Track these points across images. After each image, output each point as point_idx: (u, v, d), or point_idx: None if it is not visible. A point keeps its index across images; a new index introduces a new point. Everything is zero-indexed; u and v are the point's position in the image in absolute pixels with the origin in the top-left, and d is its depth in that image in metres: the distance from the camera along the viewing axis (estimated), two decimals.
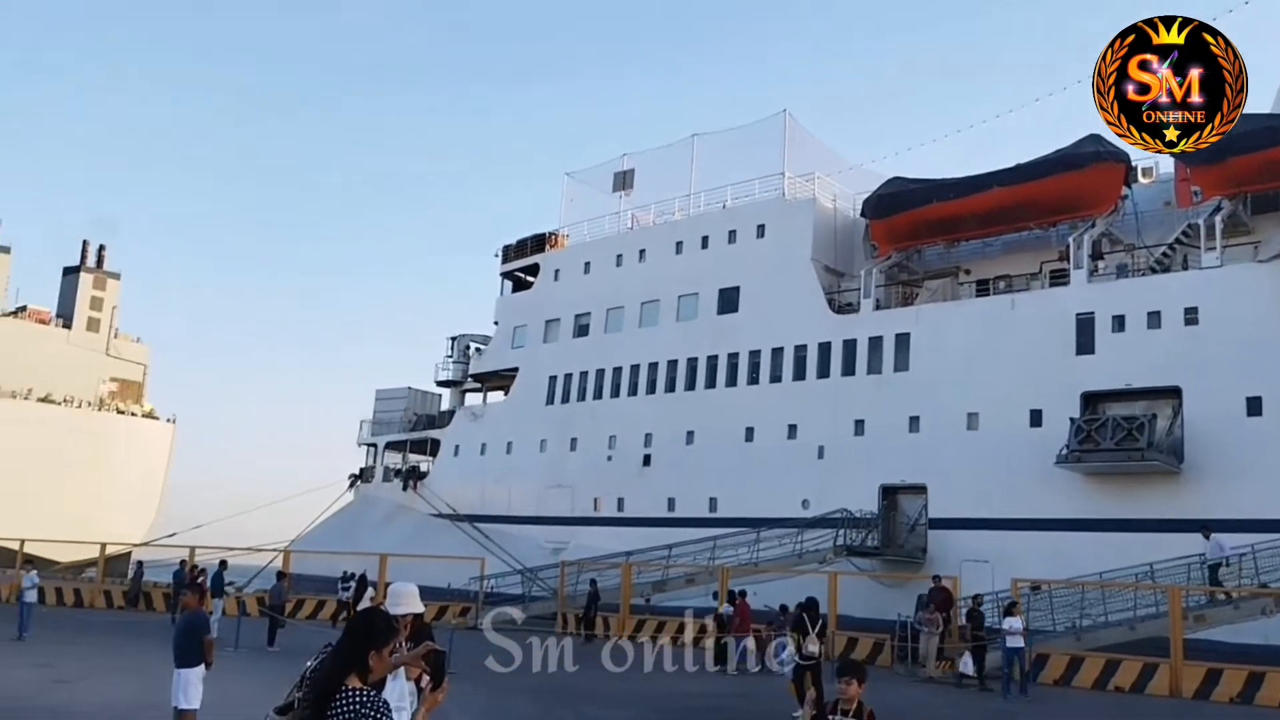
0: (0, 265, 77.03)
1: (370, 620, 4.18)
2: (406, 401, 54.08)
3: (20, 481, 63.36)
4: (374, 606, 5.54)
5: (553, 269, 46.91)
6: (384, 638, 4.07)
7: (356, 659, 3.95)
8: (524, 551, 38.32)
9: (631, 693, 17.64)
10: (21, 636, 20.39)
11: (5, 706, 12.07)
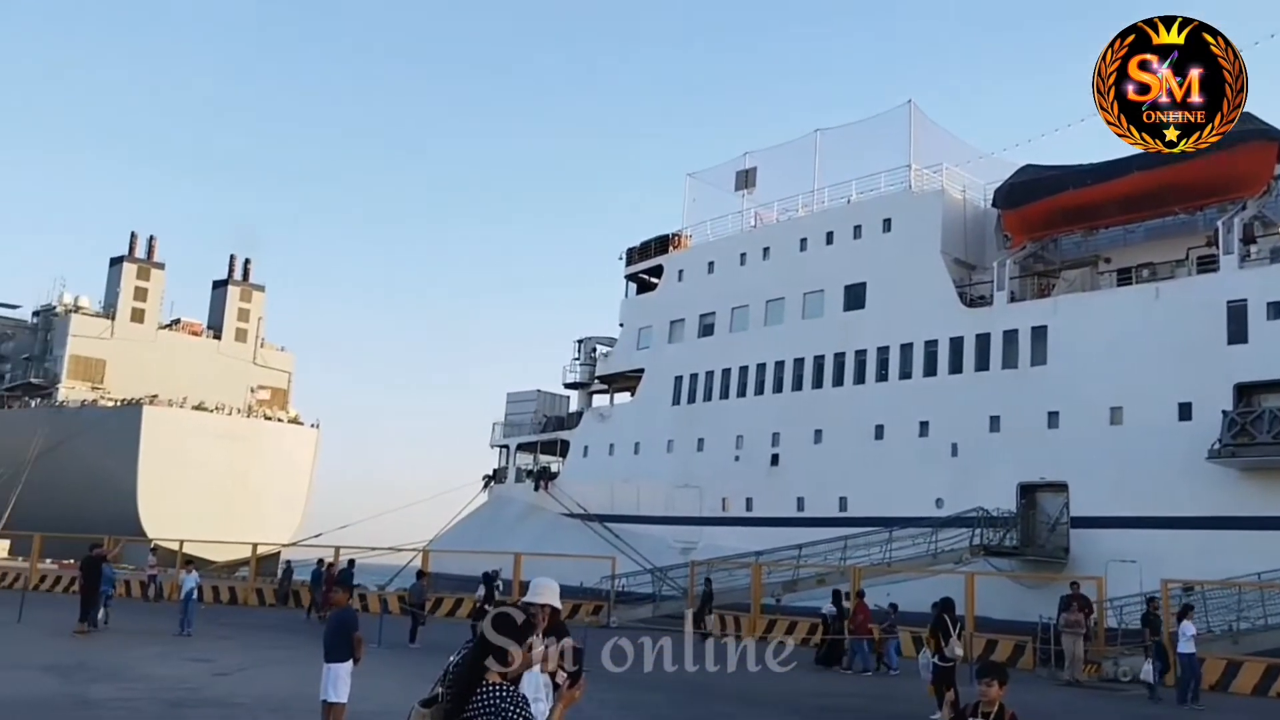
0: (155, 280, 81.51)
1: (509, 616, 4.32)
2: (536, 404, 55.10)
3: (178, 485, 67.01)
4: (514, 602, 5.67)
5: (676, 270, 47.04)
6: (523, 633, 4.17)
7: (500, 655, 4.05)
8: (653, 551, 38.54)
9: (765, 692, 17.57)
10: (184, 632, 21.56)
11: (171, 698, 12.78)
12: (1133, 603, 24.63)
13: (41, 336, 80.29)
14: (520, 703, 3.96)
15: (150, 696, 12.68)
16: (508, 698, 3.92)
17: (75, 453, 65.93)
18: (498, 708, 3.89)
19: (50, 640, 19.26)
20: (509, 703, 3.91)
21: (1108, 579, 25.32)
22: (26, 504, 58.42)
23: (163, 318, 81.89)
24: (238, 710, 11.93)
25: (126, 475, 67.14)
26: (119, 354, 77.31)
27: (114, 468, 66.74)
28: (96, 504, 62.51)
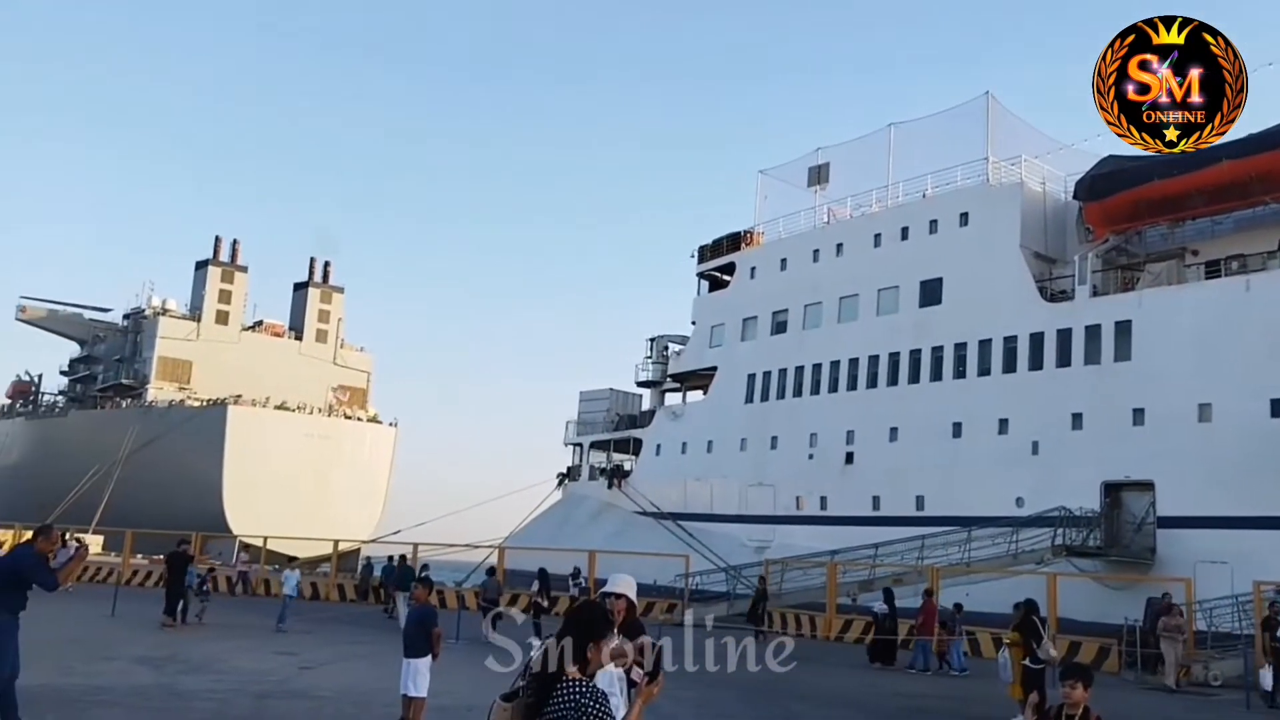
0: (239, 283, 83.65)
1: (589, 613, 4.34)
2: (609, 402, 55.35)
3: (261, 483, 68.71)
4: (592, 600, 5.71)
5: (749, 267, 46.87)
6: (601, 630, 4.22)
7: (576, 650, 4.11)
8: (727, 549, 38.46)
9: (839, 692, 17.43)
10: (280, 628, 22.03)
11: (258, 690, 13.13)
12: (1223, 605, 23.90)
13: (131, 339, 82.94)
14: (600, 699, 4.01)
15: (238, 689, 13.05)
16: (588, 694, 3.97)
17: (164, 451, 68.01)
18: (578, 704, 3.94)
19: (142, 633, 19.91)
20: (589, 699, 3.96)
21: (1196, 581, 24.59)
22: (118, 501, 60.51)
23: (246, 319, 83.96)
24: (322, 703, 12.21)
25: (212, 473, 69.05)
26: (205, 355, 79.52)
27: (200, 466, 68.70)
28: (184, 501, 64.42)
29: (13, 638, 9.04)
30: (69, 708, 10.83)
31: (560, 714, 3.95)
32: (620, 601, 6.64)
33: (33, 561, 9.26)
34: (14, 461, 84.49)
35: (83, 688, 12.39)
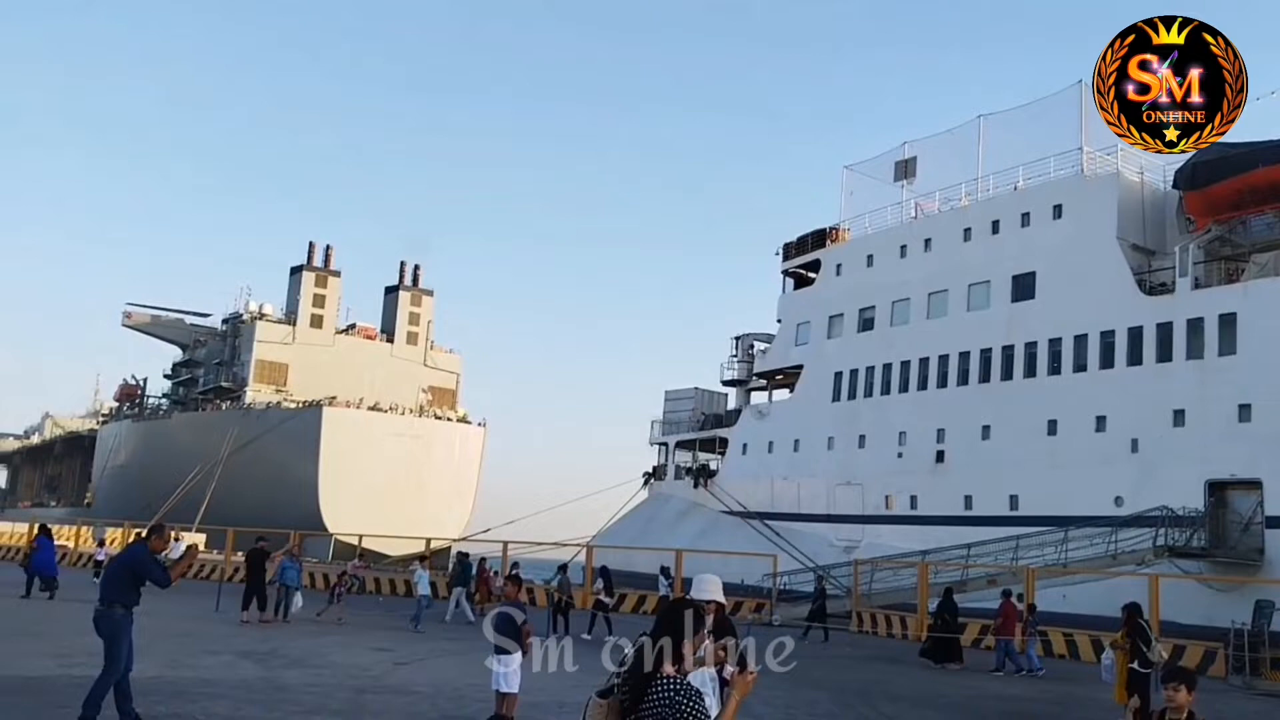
0: (333, 287, 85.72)
1: (681, 611, 4.37)
2: (694, 401, 55.33)
3: (355, 482, 70.34)
4: (684, 598, 5.74)
5: (834, 264, 46.42)
6: (695, 628, 4.26)
7: (671, 648, 4.15)
8: (815, 549, 38.16)
9: (934, 694, 17.16)
10: (417, 629, 22.15)
11: (356, 685, 13.45)
12: None
13: (230, 343, 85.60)
14: (695, 696, 4.04)
15: (337, 683, 13.40)
16: (682, 691, 4.01)
17: (262, 452, 70.08)
18: (673, 701, 3.98)
19: (244, 628, 20.54)
20: (683, 696, 4.00)
21: None
22: (219, 499, 62.49)
23: (339, 323, 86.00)
24: (417, 698, 12.47)
25: (308, 473, 70.89)
26: (300, 358, 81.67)
27: (297, 466, 70.60)
28: (282, 500, 66.27)
29: (129, 632, 9.45)
30: (179, 699, 11.25)
31: (656, 711, 3.99)
32: (710, 605, 6.67)
33: (148, 559, 9.68)
34: (122, 462, 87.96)
35: (191, 680, 12.86)
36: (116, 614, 9.40)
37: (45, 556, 25.64)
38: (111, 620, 9.37)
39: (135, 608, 9.60)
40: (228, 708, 11.09)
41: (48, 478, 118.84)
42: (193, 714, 10.55)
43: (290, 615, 22.51)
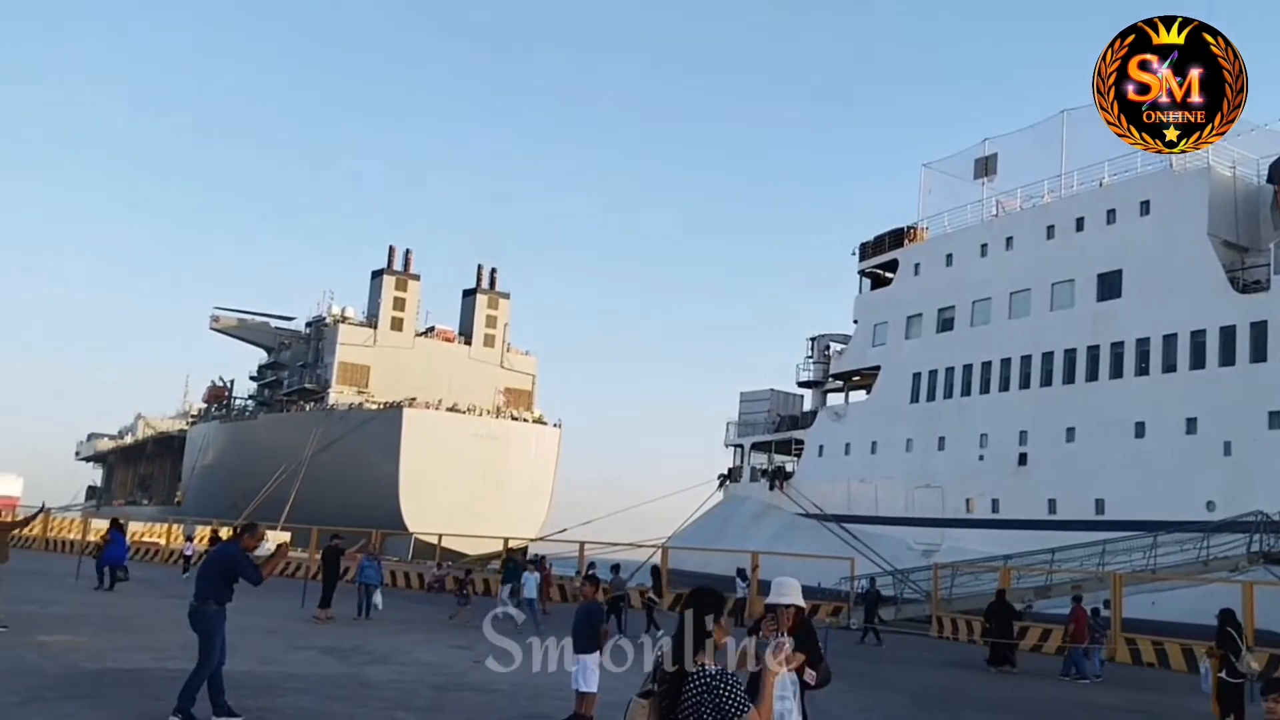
0: (412, 291, 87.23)
1: (699, 597, 4.43)
2: (769, 403, 55.07)
3: (434, 482, 71.45)
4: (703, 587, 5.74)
5: (912, 263, 45.80)
6: (715, 607, 4.31)
7: (696, 636, 4.21)
8: (893, 552, 37.67)
9: (1016, 700, 16.83)
10: (538, 630, 21.91)
11: (437, 682, 13.67)
12: None
13: (314, 346, 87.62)
14: (732, 682, 4.08)
15: (420, 680, 13.63)
16: (719, 678, 4.06)
17: (344, 452, 71.57)
18: (711, 688, 4.03)
19: (325, 624, 20.98)
20: (721, 682, 4.05)
21: None
22: (304, 499, 63.98)
23: (419, 325, 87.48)
24: (497, 696, 12.63)
25: (389, 472, 72.21)
26: (381, 360, 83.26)
27: (378, 466, 71.96)
28: (363, 499, 67.61)
29: (222, 627, 9.75)
30: (268, 693, 11.55)
31: (696, 699, 4.04)
32: (789, 609, 6.64)
33: (240, 557, 9.99)
34: (210, 462, 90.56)
35: (278, 675, 13.20)
36: (210, 610, 9.70)
37: (117, 550, 26.72)
38: (206, 616, 9.68)
39: (228, 604, 9.90)
40: (313, 702, 11.37)
41: (140, 477, 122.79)
42: (281, 708, 10.83)
43: (372, 614, 22.80)
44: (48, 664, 12.65)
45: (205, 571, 10.12)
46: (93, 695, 10.69)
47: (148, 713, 9.84)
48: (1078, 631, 20.92)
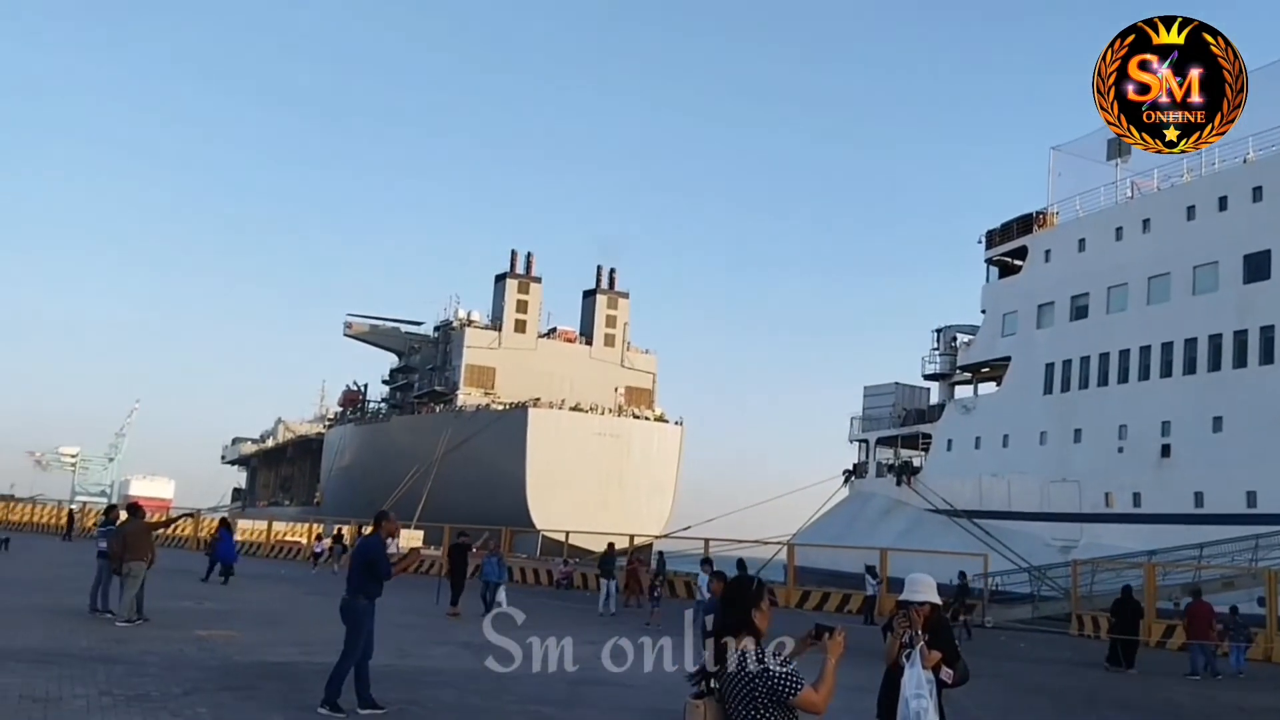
0: (534, 294, 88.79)
1: (741, 585, 4.53)
2: (894, 397, 54.14)
3: (560, 480, 72.59)
4: (743, 575, 5.72)
5: (1042, 250, 44.36)
6: (757, 596, 4.41)
7: (742, 622, 4.31)
8: (1028, 549, 36.58)
9: (1164, 702, 16.15)
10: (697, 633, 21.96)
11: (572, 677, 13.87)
12: None
13: (442, 349, 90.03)
14: (780, 663, 4.16)
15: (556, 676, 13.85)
16: (765, 656, 4.18)
17: (473, 452, 73.34)
18: (762, 673, 4.12)
19: (463, 621, 21.52)
20: (769, 660, 4.16)
21: None
22: (435, 498, 65.82)
23: (541, 327, 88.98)
24: (632, 691, 12.78)
25: (516, 471, 73.68)
26: (506, 362, 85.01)
27: (506, 465, 73.49)
28: (492, 497, 69.13)
29: (369, 621, 10.16)
30: (409, 686, 11.96)
31: (746, 685, 4.12)
32: (924, 607, 6.56)
33: (378, 549, 10.43)
34: (347, 463, 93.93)
35: (418, 669, 13.64)
36: (360, 604, 10.14)
37: (226, 547, 28.13)
38: (355, 610, 10.10)
39: (377, 598, 10.31)
40: (453, 696, 11.72)
41: (281, 479, 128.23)
42: (423, 701, 11.20)
43: (496, 610, 23.04)
44: (205, 657, 13.35)
45: (353, 566, 10.59)
46: (247, 687, 11.25)
47: (299, 703, 10.30)
48: (1198, 628, 19.98)
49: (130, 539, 16.66)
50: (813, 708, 4.19)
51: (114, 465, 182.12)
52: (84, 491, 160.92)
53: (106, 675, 11.21)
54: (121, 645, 13.83)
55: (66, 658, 12.32)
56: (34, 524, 61.65)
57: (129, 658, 12.72)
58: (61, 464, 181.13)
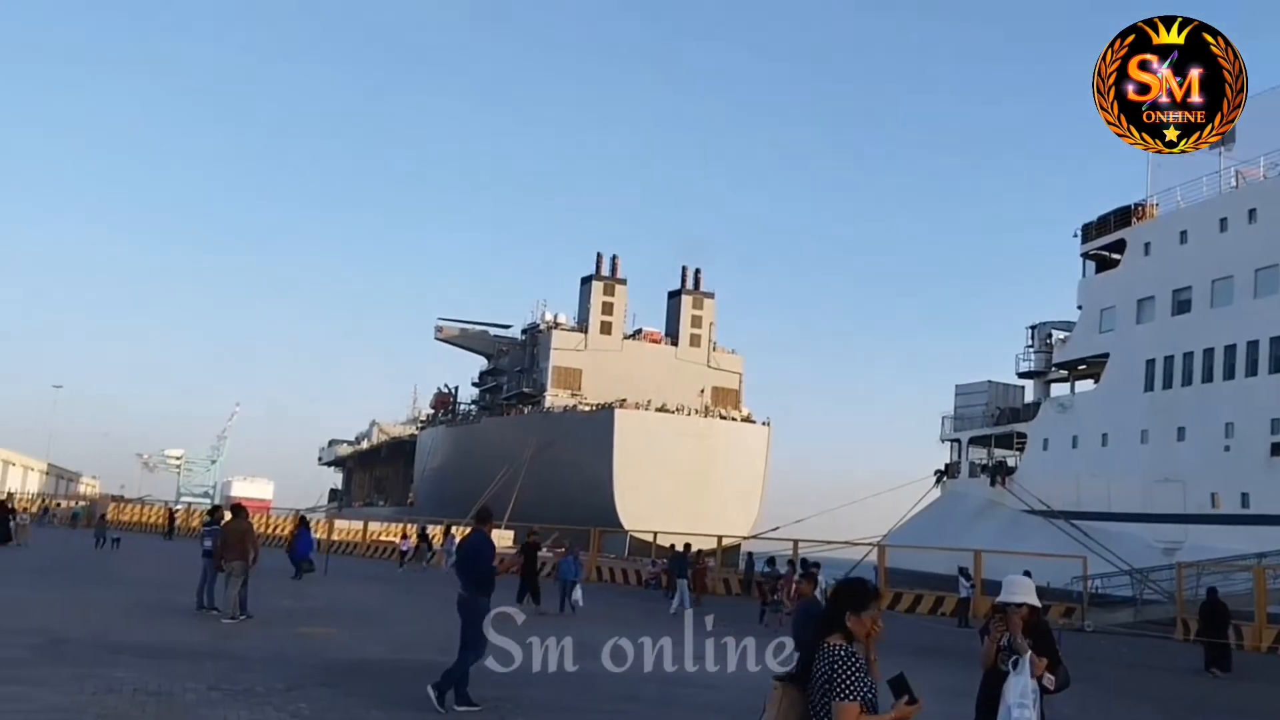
0: (619, 295, 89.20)
1: (850, 587, 4.60)
2: (987, 395, 53.10)
3: (647, 481, 72.75)
4: (856, 577, 5.68)
5: (1142, 243, 43.02)
6: (860, 601, 4.46)
7: (836, 621, 4.42)
8: (1129, 551, 35.49)
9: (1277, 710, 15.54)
10: None
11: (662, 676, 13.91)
12: None
13: (529, 351, 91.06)
14: (854, 659, 4.27)
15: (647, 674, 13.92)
16: (844, 655, 4.28)
17: (561, 453, 73.97)
18: (832, 664, 4.24)
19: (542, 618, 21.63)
20: (843, 654, 4.27)
21: None
22: (525, 498, 66.56)
23: (626, 328, 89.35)
24: (722, 691, 12.76)
25: (603, 472, 74.09)
26: (592, 363, 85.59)
27: (593, 465, 73.94)
28: (580, 498, 69.65)
29: (484, 618, 10.43)
30: (502, 684, 12.09)
31: (821, 673, 4.27)
32: (1021, 609, 6.43)
33: (482, 547, 10.78)
34: (439, 464, 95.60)
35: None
36: (481, 602, 10.48)
37: (303, 544, 28.92)
38: (476, 607, 10.47)
39: (491, 594, 10.57)
40: (548, 694, 11.85)
41: (376, 480, 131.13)
42: (519, 699, 11.37)
43: (574, 609, 22.95)
44: (306, 654, 13.73)
45: (466, 564, 10.92)
46: (346, 683, 11.54)
47: (396, 700, 10.55)
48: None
49: (230, 538, 17.19)
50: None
51: (216, 467, 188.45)
52: (188, 492, 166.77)
53: (214, 670, 11.62)
54: (227, 641, 14.32)
55: (176, 653, 12.81)
56: (142, 524, 64.14)
57: (235, 653, 13.16)
58: (167, 466, 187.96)
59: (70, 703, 9.20)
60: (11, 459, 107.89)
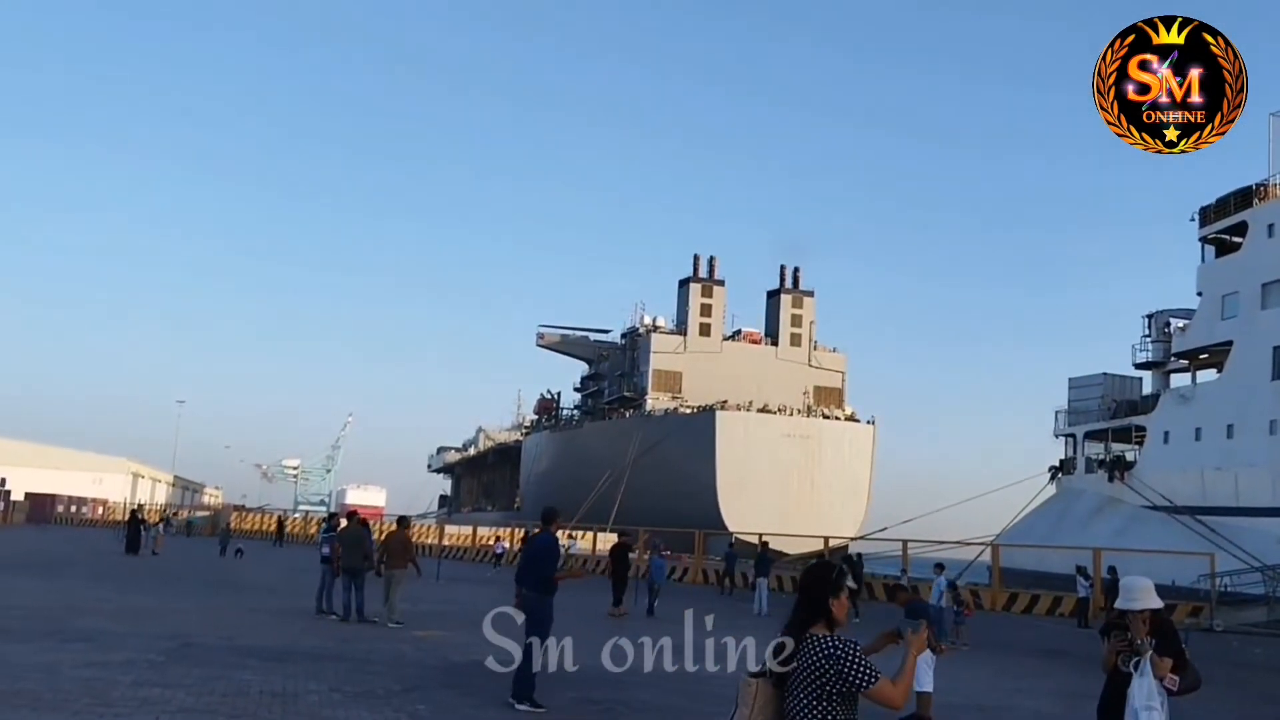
0: (718, 297, 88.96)
1: (822, 571, 4.33)
2: (1103, 388, 51.42)
3: (750, 482, 72.39)
4: (824, 560, 5.54)
5: (1265, 224, 41.14)
6: (836, 585, 4.20)
7: (818, 609, 4.14)
8: (1260, 547, 33.93)
9: None
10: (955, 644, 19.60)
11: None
12: None
13: (629, 355, 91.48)
14: (852, 647, 4.00)
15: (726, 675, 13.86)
16: (839, 642, 4.01)
17: (663, 456, 74.09)
18: (834, 655, 3.96)
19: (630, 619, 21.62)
20: (842, 649, 3.98)
21: None
22: (628, 501, 66.86)
23: (725, 329, 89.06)
24: None
25: (706, 474, 73.96)
26: (692, 366, 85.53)
27: (696, 468, 73.89)
28: (683, 500, 69.67)
29: (550, 617, 10.65)
30: (609, 686, 12.19)
31: (812, 664, 3.96)
32: (1144, 614, 6.22)
33: (548, 549, 11.03)
34: (544, 469, 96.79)
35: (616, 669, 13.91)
36: (548, 602, 10.68)
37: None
38: (543, 607, 10.64)
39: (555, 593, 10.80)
40: (656, 696, 11.89)
41: (483, 485, 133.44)
42: (628, 700, 11.44)
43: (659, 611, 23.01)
44: (423, 656, 14.07)
45: (530, 563, 11.13)
46: (463, 685, 11.78)
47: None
48: None
49: (394, 547, 18.11)
50: (889, 702, 4.03)
51: (331, 476, 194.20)
52: (305, 501, 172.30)
53: (335, 672, 11.99)
54: (347, 644, 14.76)
55: (298, 656, 13.25)
56: (262, 531, 66.54)
57: (355, 656, 13.56)
58: (285, 475, 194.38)
59: (201, 704, 9.60)
60: (141, 471, 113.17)
